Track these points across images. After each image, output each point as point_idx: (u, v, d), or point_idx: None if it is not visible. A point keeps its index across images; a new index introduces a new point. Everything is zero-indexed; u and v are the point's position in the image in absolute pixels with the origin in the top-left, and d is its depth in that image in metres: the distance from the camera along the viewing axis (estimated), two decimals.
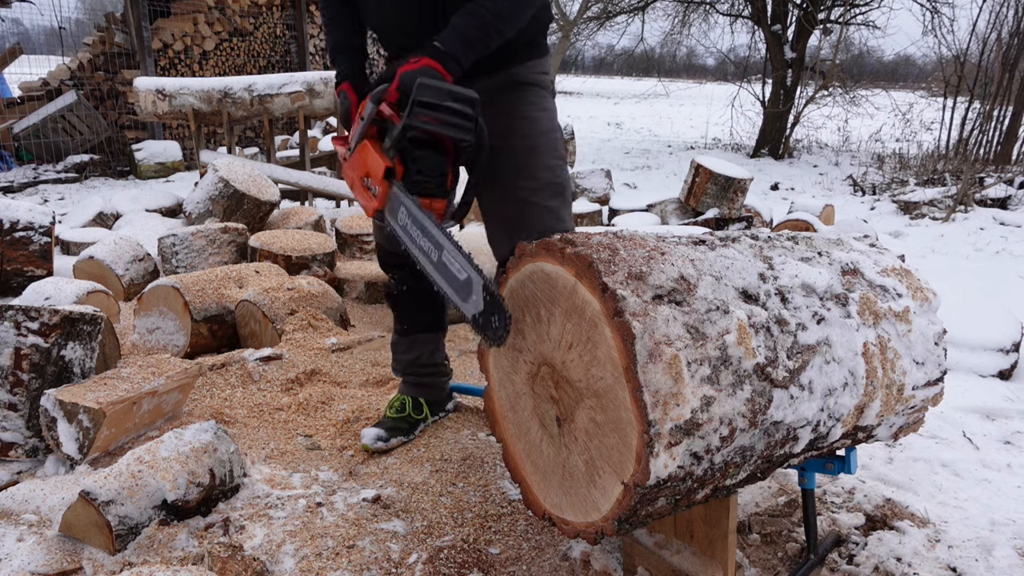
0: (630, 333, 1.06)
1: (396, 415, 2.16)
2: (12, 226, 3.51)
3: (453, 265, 1.35)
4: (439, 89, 1.46)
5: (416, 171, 1.55)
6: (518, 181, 1.81)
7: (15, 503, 1.73)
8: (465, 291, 1.32)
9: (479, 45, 1.63)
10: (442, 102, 1.46)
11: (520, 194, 1.80)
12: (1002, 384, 2.87)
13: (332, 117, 6.38)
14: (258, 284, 2.96)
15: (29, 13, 9.27)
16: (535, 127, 1.85)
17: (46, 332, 2.03)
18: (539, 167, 1.82)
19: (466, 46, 1.61)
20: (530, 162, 1.82)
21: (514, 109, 1.85)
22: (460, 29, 1.61)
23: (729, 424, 1.12)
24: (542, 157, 1.83)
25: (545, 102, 1.91)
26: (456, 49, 1.60)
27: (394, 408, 2.17)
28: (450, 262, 1.36)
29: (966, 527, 1.81)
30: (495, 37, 1.65)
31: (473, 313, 1.31)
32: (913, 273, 1.56)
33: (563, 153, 1.90)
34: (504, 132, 1.79)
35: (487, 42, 1.64)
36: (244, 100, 5.28)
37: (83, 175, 7.82)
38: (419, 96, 1.45)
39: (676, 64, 17.91)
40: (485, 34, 1.63)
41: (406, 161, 1.55)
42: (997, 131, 9.64)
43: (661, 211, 5.94)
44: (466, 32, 1.61)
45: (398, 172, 1.55)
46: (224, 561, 1.48)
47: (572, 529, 1.28)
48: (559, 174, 1.86)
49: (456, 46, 1.60)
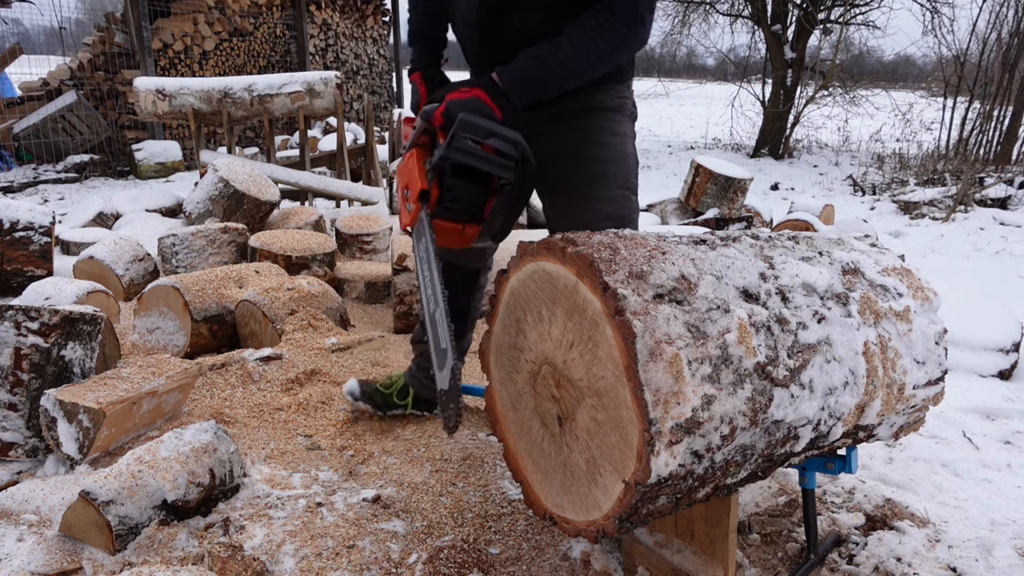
0: (631, 332, 1.06)
1: (382, 387, 2.23)
2: (12, 226, 3.51)
3: (441, 328, 1.36)
4: (481, 128, 1.44)
5: (450, 198, 1.52)
6: (579, 211, 1.75)
7: (15, 503, 1.73)
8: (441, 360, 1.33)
9: (538, 89, 1.56)
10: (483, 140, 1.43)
11: (579, 223, 1.72)
12: (1002, 384, 2.87)
13: (332, 117, 6.38)
14: (258, 284, 2.96)
15: (29, 13, 9.27)
16: (604, 152, 1.77)
17: (46, 332, 2.03)
18: (602, 197, 1.76)
19: (523, 87, 1.55)
20: (593, 191, 1.76)
21: (585, 132, 1.77)
22: (522, 67, 1.55)
23: (730, 423, 1.12)
24: (608, 187, 1.76)
25: (619, 127, 1.81)
26: (512, 87, 1.54)
27: (386, 381, 2.25)
28: (439, 324, 1.37)
29: (966, 527, 1.81)
30: (556, 86, 1.58)
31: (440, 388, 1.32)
32: (914, 273, 1.56)
33: (633, 183, 1.81)
34: (573, 152, 1.75)
35: (547, 88, 1.57)
36: (244, 100, 5.28)
37: (83, 175, 7.82)
38: (459, 131, 1.43)
39: (676, 64, 17.91)
40: (546, 80, 1.56)
41: (442, 187, 1.53)
42: (997, 131, 9.65)
43: (661, 211, 5.95)
44: (526, 71, 1.54)
45: (432, 196, 1.53)
46: (224, 561, 1.48)
47: (573, 528, 1.28)
48: (622, 206, 1.77)
49: (513, 84, 1.54)
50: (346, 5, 11.53)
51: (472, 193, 1.53)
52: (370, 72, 12.35)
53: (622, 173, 1.79)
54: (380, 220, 4.35)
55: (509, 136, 1.45)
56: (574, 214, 1.76)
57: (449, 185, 1.51)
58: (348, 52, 11.69)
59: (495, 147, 1.44)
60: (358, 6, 11.80)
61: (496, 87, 1.54)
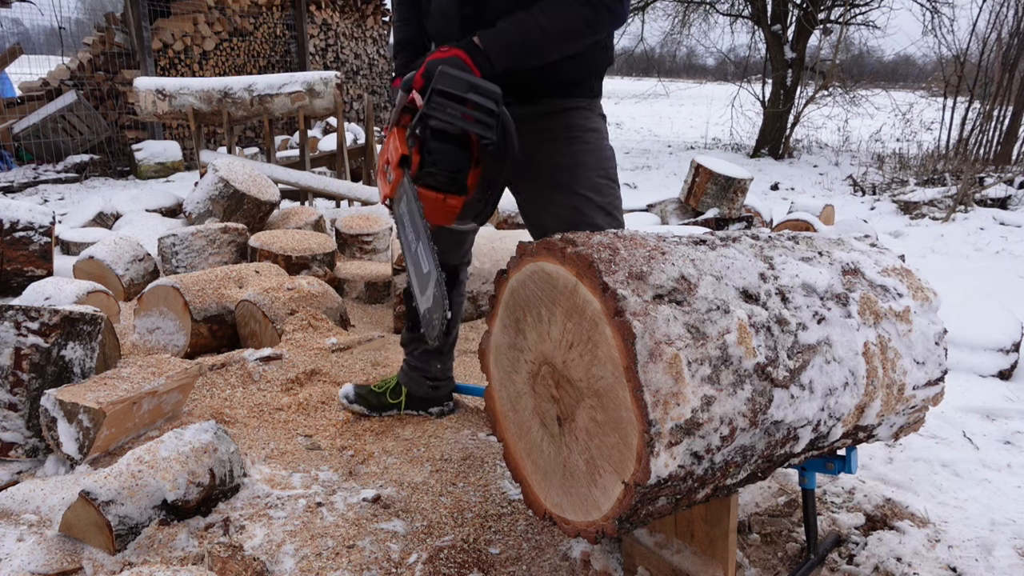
0: (631, 332, 1.06)
1: (376, 388, 2.26)
2: (12, 226, 3.51)
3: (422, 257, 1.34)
4: (460, 80, 1.41)
5: (431, 163, 1.49)
6: (564, 198, 1.77)
7: (15, 503, 1.73)
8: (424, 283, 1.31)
9: (517, 52, 1.57)
10: (462, 93, 1.40)
11: (565, 212, 1.76)
12: (1002, 384, 2.87)
13: (332, 117, 6.39)
14: (258, 284, 2.96)
15: (29, 13, 9.27)
16: (582, 145, 1.80)
17: (46, 332, 2.03)
18: (585, 186, 1.77)
19: (503, 49, 1.55)
20: (576, 181, 1.77)
21: (561, 128, 1.80)
22: (502, 31, 1.56)
23: (729, 423, 1.12)
24: (588, 175, 1.78)
25: (592, 123, 1.84)
26: (492, 48, 1.54)
27: (380, 383, 2.28)
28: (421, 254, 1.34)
29: (966, 527, 1.81)
30: (535, 51, 1.58)
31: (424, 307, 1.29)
32: (913, 273, 1.56)
33: (613, 174, 1.84)
34: (551, 147, 1.76)
35: (526, 52, 1.58)
36: (244, 100, 5.27)
37: (83, 175, 7.82)
38: (438, 85, 1.40)
39: (676, 64, 17.92)
40: (526, 43, 1.56)
41: (423, 152, 1.50)
42: (997, 131, 9.65)
43: (661, 211, 5.95)
44: (507, 35, 1.56)
45: (414, 161, 1.50)
46: (224, 561, 1.48)
47: (573, 528, 1.28)
48: (606, 193, 1.79)
49: (493, 45, 1.54)
50: (346, 5, 11.53)
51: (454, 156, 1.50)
52: (370, 72, 12.35)
53: (602, 163, 1.81)
54: (380, 220, 4.35)
55: (489, 88, 1.43)
56: (563, 203, 1.77)
57: (430, 148, 1.49)
58: (348, 52, 11.70)
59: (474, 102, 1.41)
60: (358, 6, 11.80)
61: (476, 48, 1.54)
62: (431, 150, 1.49)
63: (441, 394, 2.28)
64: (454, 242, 2.05)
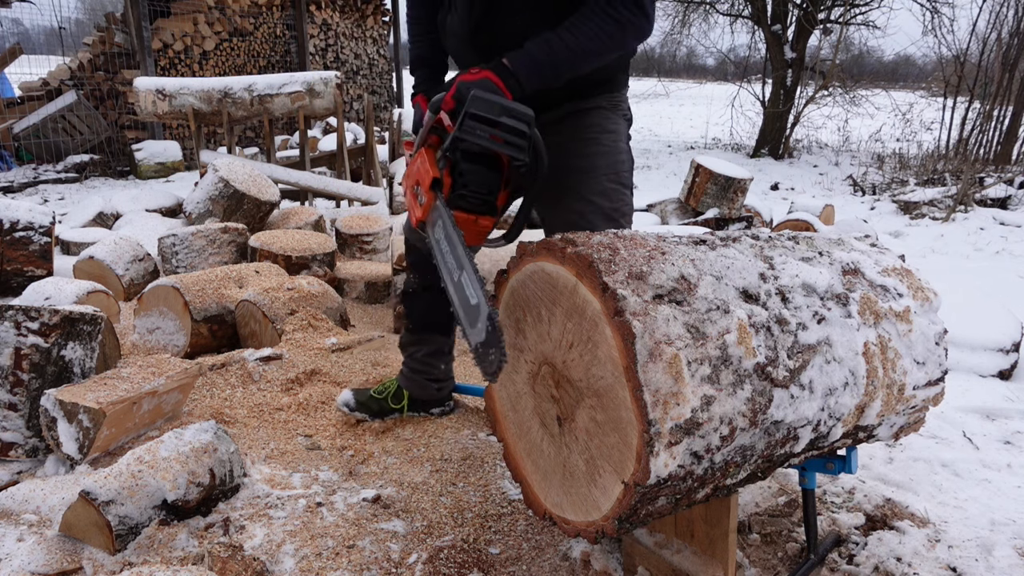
0: (630, 332, 1.06)
1: (376, 394, 2.24)
2: (12, 226, 3.51)
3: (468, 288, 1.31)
4: (492, 103, 1.40)
5: (462, 184, 1.48)
6: (571, 203, 1.76)
7: (15, 503, 1.73)
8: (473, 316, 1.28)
9: (548, 73, 1.56)
10: (495, 117, 1.40)
11: (570, 217, 1.75)
12: (1002, 384, 2.87)
13: (332, 117, 6.39)
14: (258, 284, 2.96)
15: (29, 13, 9.27)
16: (596, 147, 1.79)
17: (46, 332, 2.03)
18: (593, 191, 1.77)
19: (533, 71, 1.55)
20: (585, 184, 1.77)
21: (579, 129, 1.79)
22: (530, 52, 1.55)
23: (729, 423, 1.12)
24: (599, 179, 1.78)
25: (612, 124, 1.83)
26: (521, 69, 1.54)
27: (379, 387, 2.26)
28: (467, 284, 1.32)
29: (966, 527, 1.81)
30: (564, 70, 1.58)
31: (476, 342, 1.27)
32: (914, 273, 1.56)
33: (626, 178, 1.83)
34: (565, 148, 1.76)
35: (556, 73, 1.58)
36: (244, 100, 5.27)
37: (83, 175, 7.82)
38: (471, 109, 1.39)
39: (676, 64, 17.93)
40: (555, 63, 1.56)
41: (455, 174, 1.49)
42: (997, 131, 9.65)
43: (661, 211, 5.95)
44: (536, 57, 1.55)
45: (445, 184, 1.50)
46: (224, 561, 1.48)
47: (573, 528, 1.28)
48: (614, 199, 1.78)
49: (522, 67, 1.54)
50: (346, 5, 11.53)
51: (486, 178, 1.49)
52: (370, 72, 12.35)
53: (614, 167, 1.80)
54: (380, 220, 4.35)
55: (521, 112, 1.42)
56: (568, 206, 1.77)
57: (462, 170, 1.48)
58: (348, 52, 11.70)
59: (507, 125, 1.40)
60: (358, 6, 11.80)
61: (506, 69, 1.54)
62: (463, 172, 1.48)
63: (443, 395, 2.28)
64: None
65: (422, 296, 2.13)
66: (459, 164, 1.48)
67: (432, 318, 2.16)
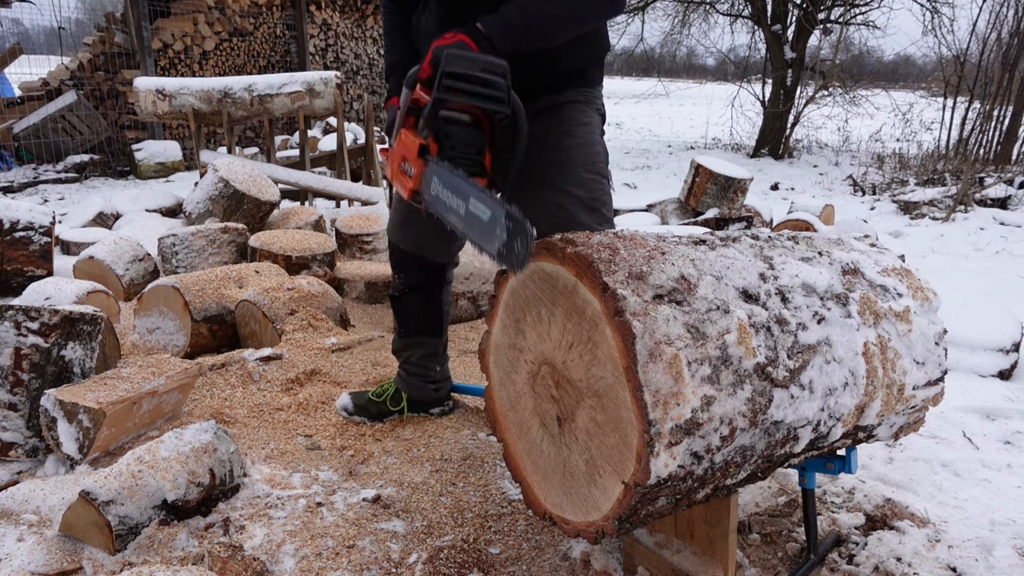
0: (630, 333, 1.06)
1: (374, 397, 2.24)
2: (12, 226, 3.51)
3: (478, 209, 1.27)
4: (468, 59, 1.42)
5: (450, 147, 1.48)
6: (551, 195, 1.77)
7: (15, 503, 1.73)
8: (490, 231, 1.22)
9: (519, 36, 1.58)
10: (471, 72, 1.41)
11: (550, 209, 1.75)
12: (1002, 384, 2.87)
13: (332, 117, 6.39)
14: (258, 284, 2.96)
15: (29, 13, 9.28)
16: (571, 140, 1.80)
17: (46, 332, 2.03)
18: (572, 181, 1.77)
19: (505, 32, 1.56)
20: (563, 175, 1.78)
21: (553, 123, 1.80)
22: (504, 15, 1.57)
23: (729, 424, 1.12)
24: (576, 170, 1.78)
25: (586, 117, 1.84)
26: (494, 32, 1.55)
27: (377, 390, 2.25)
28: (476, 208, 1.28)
29: (966, 527, 1.81)
30: (538, 35, 1.60)
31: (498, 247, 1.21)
32: (913, 273, 1.56)
33: (603, 168, 1.84)
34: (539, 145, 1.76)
35: (528, 36, 1.59)
36: (244, 100, 5.27)
37: (83, 175, 7.82)
38: (447, 67, 1.40)
39: (676, 64, 17.93)
40: (527, 28, 1.57)
41: (440, 139, 1.49)
42: (997, 131, 9.65)
43: (661, 211, 5.95)
44: (509, 19, 1.57)
45: (432, 150, 1.50)
46: (224, 561, 1.48)
47: (573, 528, 1.28)
48: (593, 189, 1.79)
49: (495, 29, 1.55)
50: (346, 5, 11.53)
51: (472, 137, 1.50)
52: (370, 72, 12.35)
53: (590, 158, 1.81)
54: (380, 220, 4.35)
55: (496, 64, 1.44)
56: (548, 199, 1.77)
57: (448, 132, 1.48)
58: (348, 52, 11.70)
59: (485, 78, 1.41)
60: (358, 6, 11.80)
61: (479, 32, 1.55)
62: (448, 134, 1.48)
63: (442, 395, 2.28)
64: (445, 239, 2.03)
65: (409, 298, 2.13)
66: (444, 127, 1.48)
67: (421, 321, 2.16)
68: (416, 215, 1.95)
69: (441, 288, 2.15)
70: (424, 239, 2.04)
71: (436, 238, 2.00)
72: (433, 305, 2.15)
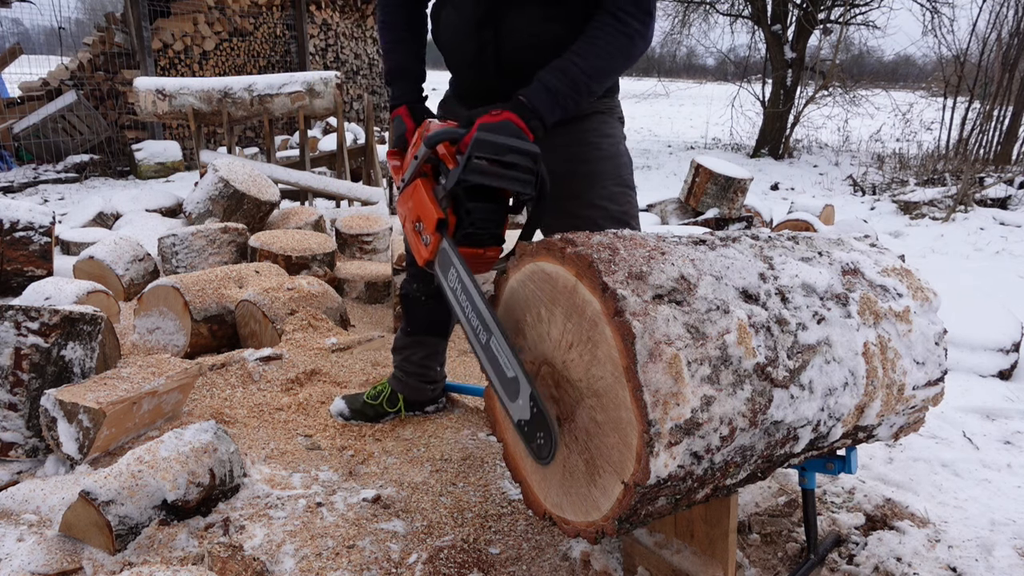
0: (630, 333, 1.06)
1: (370, 400, 2.24)
2: (12, 226, 3.51)
3: (501, 357, 1.25)
4: (498, 145, 1.39)
5: (469, 223, 1.46)
6: (579, 210, 1.76)
7: (15, 503, 1.73)
8: (512, 390, 1.23)
9: (568, 103, 1.54)
10: (500, 157, 1.39)
11: (579, 222, 1.72)
12: (1002, 384, 2.87)
13: (332, 117, 6.39)
14: (258, 284, 2.96)
15: (29, 13, 9.28)
16: (598, 152, 1.78)
17: (46, 332, 2.03)
18: (601, 196, 1.76)
19: (552, 103, 1.52)
20: (592, 189, 1.76)
21: (578, 136, 1.78)
22: (545, 83, 1.52)
23: (729, 424, 1.12)
24: (605, 184, 1.77)
25: (609, 128, 1.82)
26: (542, 106, 1.51)
27: (372, 392, 2.25)
28: (499, 352, 1.26)
29: (966, 527, 1.81)
30: (584, 96, 1.56)
31: (519, 419, 1.22)
32: (913, 273, 1.56)
33: (628, 180, 1.82)
34: (568, 156, 1.75)
35: (577, 100, 1.55)
36: (244, 100, 5.27)
37: (83, 175, 7.82)
38: (476, 152, 1.37)
39: (676, 64, 17.91)
40: (575, 92, 1.54)
41: (459, 211, 1.46)
42: (997, 131, 9.65)
43: (661, 211, 5.94)
44: (551, 86, 1.52)
45: (451, 224, 1.46)
46: (224, 561, 1.48)
47: (572, 528, 1.28)
48: (622, 202, 1.78)
49: (542, 103, 1.51)
50: (346, 5, 11.53)
51: (493, 213, 1.48)
52: (370, 72, 12.35)
53: (617, 170, 1.80)
54: (380, 220, 4.35)
55: (526, 149, 1.41)
56: (576, 213, 1.76)
57: (468, 208, 1.45)
58: (348, 52, 11.70)
59: (512, 163, 1.39)
60: (358, 6, 11.80)
61: (525, 107, 1.50)
62: (470, 210, 1.45)
63: (437, 393, 2.29)
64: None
65: (424, 302, 2.11)
66: (464, 203, 1.45)
67: (431, 322, 2.14)
68: None
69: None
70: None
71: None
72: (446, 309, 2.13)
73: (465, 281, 1.37)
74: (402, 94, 1.82)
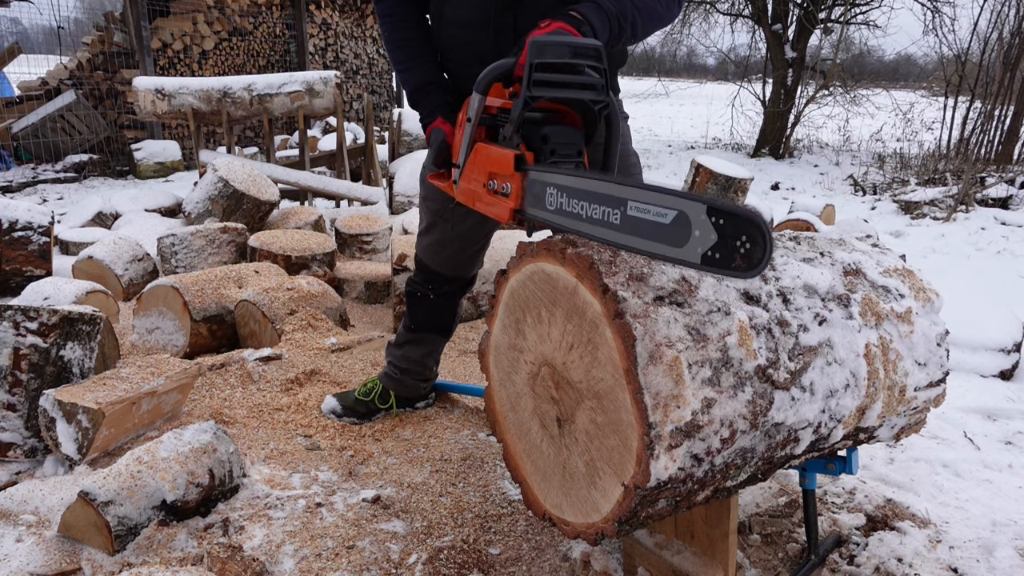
0: (631, 335, 1.06)
1: (361, 397, 2.24)
2: (11, 226, 3.50)
3: (649, 212, 1.01)
4: (559, 45, 1.24)
5: (550, 151, 1.29)
6: None
7: (14, 504, 1.73)
8: (681, 232, 0.97)
9: (615, 25, 1.48)
10: (564, 59, 1.24)
11: None
12: (1003, 384, 2.87)
13: (332, 117, 6.38)
14: (258, 284, 2.95)
15: (28, 13, 9.27)
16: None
17: (45, 332, 2.02)
18: None
19: (603, 20, 1.45)
20: None
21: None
22: (601, 3, 1.48)
23: (730, 426, 1.12)
24: None
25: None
26: (593, 17, 1.43)
27: (363, 390, 2.25)
28: (643, 212, 1.02)
29: (967, 528, 1.81)
30: (628, 29, 1.51)
31: (705, 250, 0.95)
32: (915, 273, 1.55)
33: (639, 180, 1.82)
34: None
35: (622, 29, 1.50)
36: (244, 100, 5.27)
37: (82, 175, 7.81)
38: (536, 59, 1.23)
39: (676, 64, 17.90)
40: (622, 19, 1.49)
41: (534, 145, 1.30)
42: (998, 131, 9.64)
43: None
44: (605, 8, 1.47)
45: (529, 159, 1.29)
46: (223, 561, 1.48)
47: (572, 530, 1.28)
48: None
49: (594, 16, 1.44)
50: (346, 5, 11.52)
51: (572, 136, 1.33)
52: (370, 72, 12.34)
53: (628, 171, 1.82)
54: (380, 220, 4.34)
55: (590, 46, 1.28)
56: None
57: (545, 135, 1.30)
58: (348, 52, 11.69)
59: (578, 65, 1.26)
60: (358, 6, 11.79)
61: (575, 18, 1.41)
62: (546, 136, 1.30)
63: (428, 390, 2.31)
64: (479, 256, 2.05)
65: (431, 301, 2.11)
66: (537, 131, 1.30)
67: (436, 320, 2.15)
68: (451, 238, 1.95)
69: (464, 294, 2.16)
70: (460, 261, 2.03)
71: (470, 258, 2.02)
72: (452, 308, 2.15)
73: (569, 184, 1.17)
74: (433, 108, 1.73)
